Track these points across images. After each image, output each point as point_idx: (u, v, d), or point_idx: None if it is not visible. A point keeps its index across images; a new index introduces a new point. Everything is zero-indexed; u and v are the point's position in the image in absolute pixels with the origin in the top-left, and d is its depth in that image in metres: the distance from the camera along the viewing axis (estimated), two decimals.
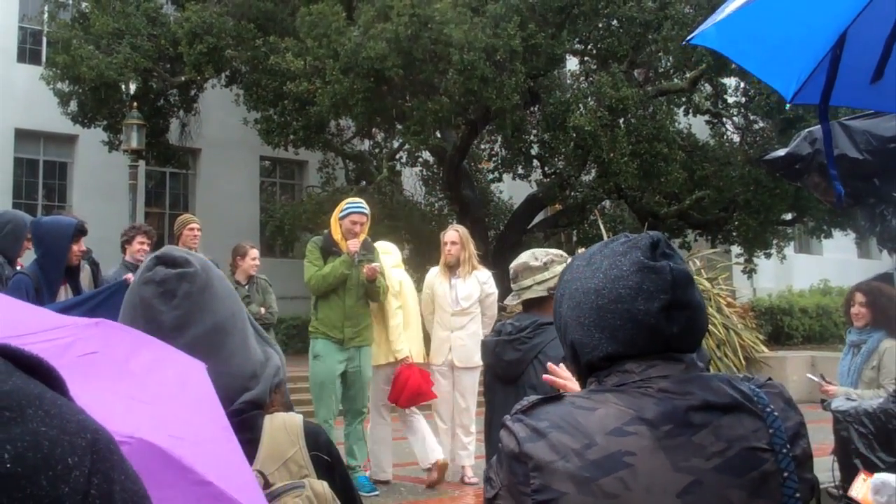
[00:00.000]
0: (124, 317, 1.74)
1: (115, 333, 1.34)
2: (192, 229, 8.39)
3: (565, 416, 1.44)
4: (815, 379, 6.31)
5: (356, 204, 7.77)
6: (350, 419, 7.73)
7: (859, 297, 6.24)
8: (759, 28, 2.70)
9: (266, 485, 1.63)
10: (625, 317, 1.50)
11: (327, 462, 1.82)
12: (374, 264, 7.45)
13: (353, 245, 7.44)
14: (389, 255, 8.21)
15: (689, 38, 2.91)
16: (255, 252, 8.66)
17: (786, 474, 1.44)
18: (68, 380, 1.16)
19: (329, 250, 7.57)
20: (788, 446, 1.45)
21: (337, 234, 7.61)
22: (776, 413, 1.48)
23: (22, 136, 21.08)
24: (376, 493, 7.52)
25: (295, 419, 1.83)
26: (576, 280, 1.59)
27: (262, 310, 8.50)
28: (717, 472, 1.39)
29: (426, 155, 20.52)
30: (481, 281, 8.05)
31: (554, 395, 1.51)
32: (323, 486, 1.72)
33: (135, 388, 1.21)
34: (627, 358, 1.51)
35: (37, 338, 1.24)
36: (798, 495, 1.44)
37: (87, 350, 1.25)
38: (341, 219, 7.62)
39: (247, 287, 8.52)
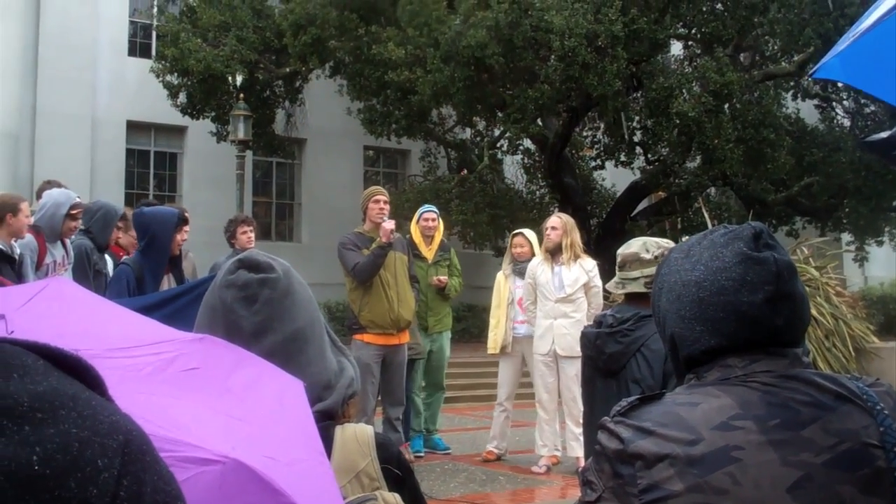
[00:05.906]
0: (202, 318, 1.74)
1: (217, 350, 1.36)
2: (377, 201, 7.95)
3: (668, 414, 1.42)
4: None
5: (425, 208, 9.21)
6: (431, 390, 9.04)
7: None
8: (890, 55, 2.56)
9: None
10: (728, 309, 1.46)
11: (397, 475, 1.78)
12: (440, 277, 8.72)
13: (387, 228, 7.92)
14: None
15: (811, 72, 2.81)
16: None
17: None
18: (169, 393, 1.19)
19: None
20: None
21: (417, 237, 8.86)
22: (886, 411, 1.42)
23: (133, 127, 21.66)
24: (448, 449, 8.99)
25: (366, 430, 1.80)
26: (674, 273, 1.56)
27: None
28: (827, 467, 1.35)
29: (527, 143, 20.36)
30: (586, 269, 7.95)
31: (652, 395, 1.48)
32: (395, 499, 1.70)
33: (232, 406, 1.23)
34: (729, 352, 1.48)
35: (143, 351, 1.28)
36: None
37: (189, 366, 1.28)
38: (417, 223, 8.95)
39: None
